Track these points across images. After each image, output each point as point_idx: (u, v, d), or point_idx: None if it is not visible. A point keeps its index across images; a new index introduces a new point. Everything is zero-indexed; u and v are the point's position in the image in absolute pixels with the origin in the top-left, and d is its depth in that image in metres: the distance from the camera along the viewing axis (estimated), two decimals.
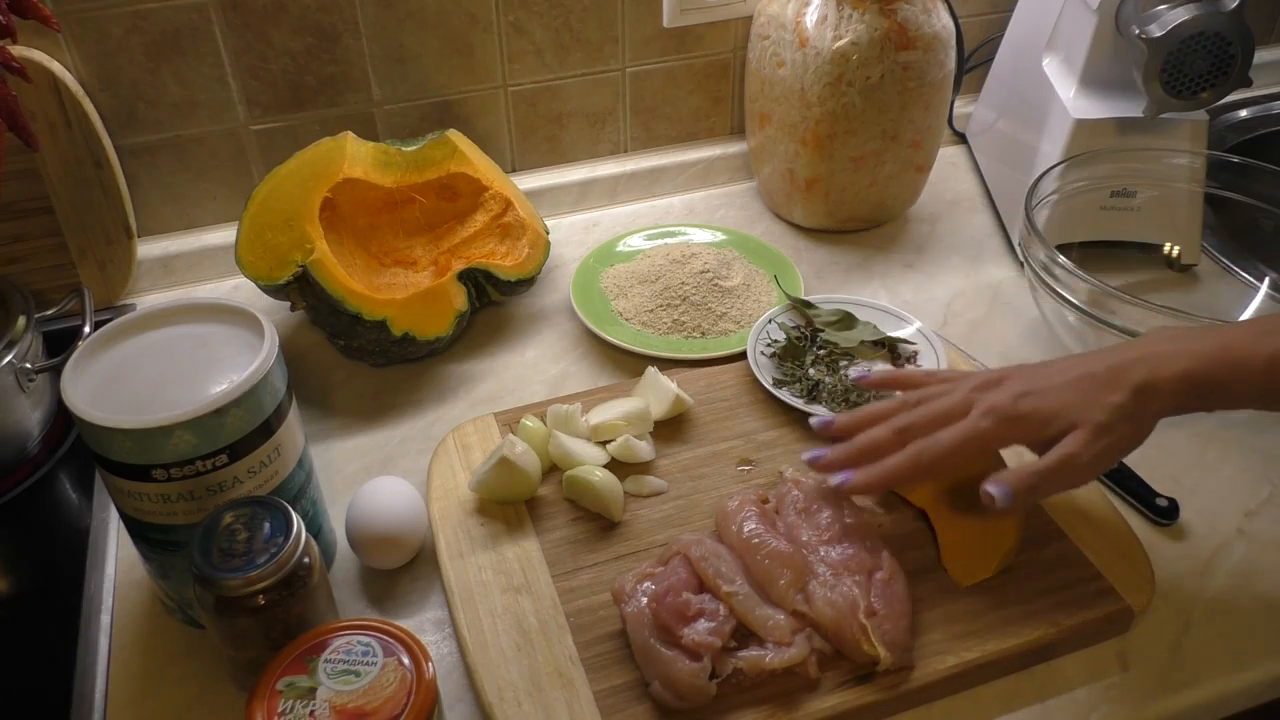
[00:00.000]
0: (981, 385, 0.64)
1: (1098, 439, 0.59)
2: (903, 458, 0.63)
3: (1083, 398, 0.60)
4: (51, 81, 0.83)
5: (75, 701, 0.62)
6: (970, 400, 0.63)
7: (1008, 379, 0.64)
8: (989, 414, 0.62)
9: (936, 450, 0.62)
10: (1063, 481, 0.60)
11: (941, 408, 0.64)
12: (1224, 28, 0.84)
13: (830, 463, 0.65)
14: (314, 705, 0.52)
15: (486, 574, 0.66)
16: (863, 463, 0.64)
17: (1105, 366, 0.61)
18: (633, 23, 1.01)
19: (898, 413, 0.65)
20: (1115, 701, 0.62)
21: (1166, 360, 0.60)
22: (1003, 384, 0.64)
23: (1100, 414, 0.59)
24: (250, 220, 0.84)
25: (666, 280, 0.91)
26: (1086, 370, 0.62)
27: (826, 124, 0.95)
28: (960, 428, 0.62)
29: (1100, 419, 0.59)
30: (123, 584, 0.69)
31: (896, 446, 0.64)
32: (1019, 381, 0.63)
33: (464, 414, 0.82)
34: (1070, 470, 0.59)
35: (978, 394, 0.64)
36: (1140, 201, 0.93)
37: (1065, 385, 0.61)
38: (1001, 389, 0.63)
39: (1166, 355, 0.60)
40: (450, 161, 0.93)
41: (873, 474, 0.63)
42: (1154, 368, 0.60)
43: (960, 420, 0.62)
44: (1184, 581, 0.69)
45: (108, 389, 0.59)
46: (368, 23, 0.93)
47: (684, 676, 0.57)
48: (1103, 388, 0.60)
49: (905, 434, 0.64)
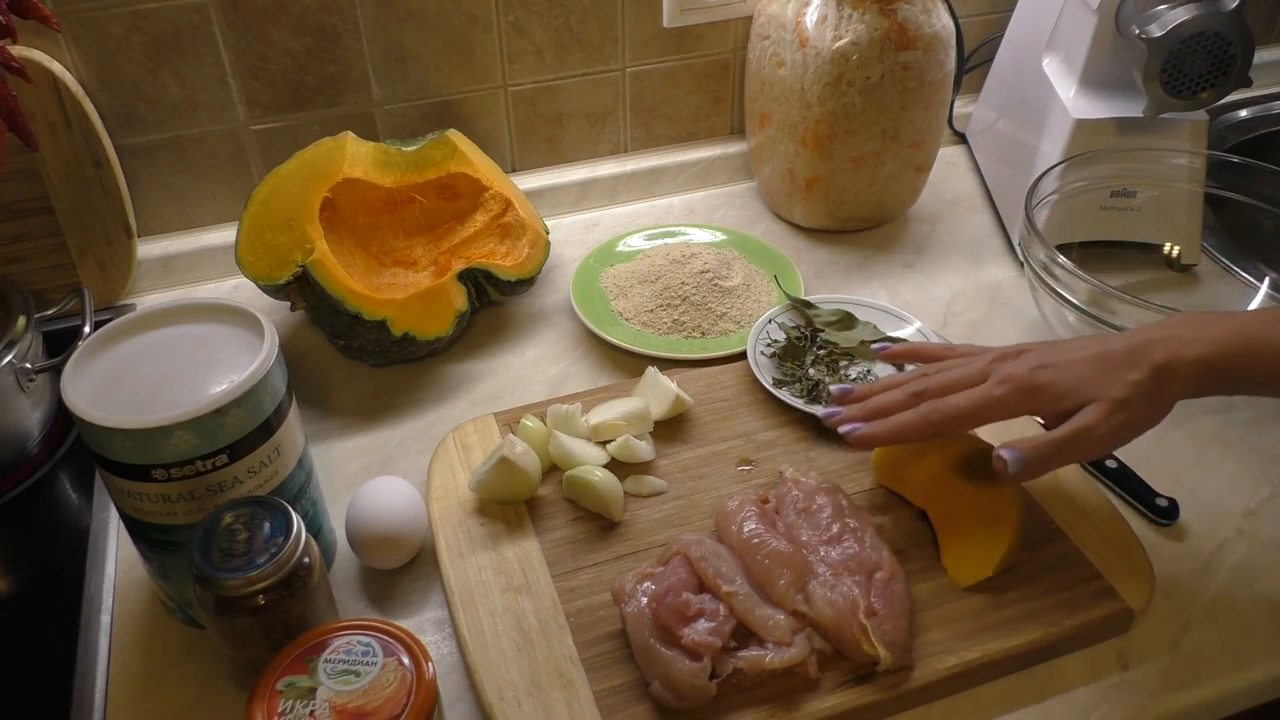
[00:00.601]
0: (1000, 357, 0.65)
1: (1114, 414, 0.59)
2: (913, 414, 0.64)
3: (1101, 374, 0.61)
4: (51, 81, 0.83)
5: (75, 701, 0.62)
6: (988, 370, 0.64)
7: (1026, 352, 0.65)
8: (1005, 382, 0.62)
9: (948, 410, 0.63)
10: (1076, 453, 0.61)
11: (957, 374, 0.65)
12: (1224, 28, 0.84)
13: (844, 418, 0.67)
14: (314, 705, 0.52)
15: (486, 574, 0.66)
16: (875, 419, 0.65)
17: (1125, 346, 0.62)
18: (633, 23, 1.01)
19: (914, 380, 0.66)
20: (1115, 701, 0.62)
21: (1186, 344, 0.60)
22: (1021, 356, 0.64)
23: (1118, 390, 0.60)
24: (250, 220, 0.84)
25: (666, 280, 0.91)
26: (1106, 348, 0.62)
27: (826, 124, 0.95)
28: (974, 393, 0.63)
29: (1118, 395, 0.60)
30: (123, 584, 0.69)
31: (910, 408, 0.65)
32: (1038, 355, 0.64)
33: (464, 414, 0.82)
34: (1085, 443, 0.60)
35: (996, 364, 0.64)
36: (1140, 201, 0.93)
37: (1084, 360, 0.62)
38: (1020, 360, 0.64)
39: (1186, 339, 0.61)
40: (450, 161, 0.93)
41: (882, 427, 0.64)
42: (1174, 350, 0.60)
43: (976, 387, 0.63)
44: (1184, 581, 0.69)
45: (108, 389, 0.59)
46: (368, 23, 0.93)
47: (684, 676, 0.57)
48: (1122, 365, 0.61)
49: (920, 397, 0.65)
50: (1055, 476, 0.72)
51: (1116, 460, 0.75)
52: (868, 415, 0.66)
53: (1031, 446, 0.60)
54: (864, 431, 0.65)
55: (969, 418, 0.63)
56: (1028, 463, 0.60)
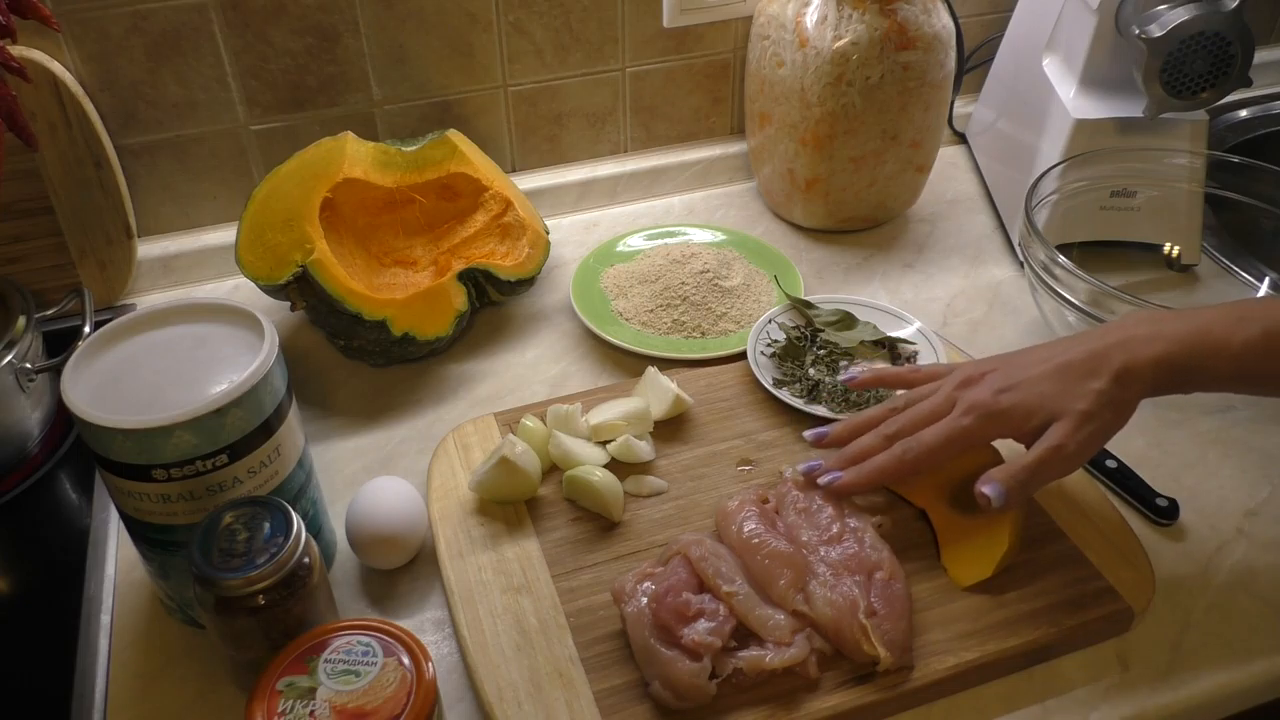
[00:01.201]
0: (963, 383, 0.66)
1: (1081, 427, 0.60)
2: (888, 456, 0.65)
3: (1063, 387, 0.62)
4: (51, 81, 0.83)
5: (75, 701, 0.62)
6: (953, 397, 0.65)
7: (988, 373, 0.65)
8: (970, 411, 0.64)
9: (920, 449, 0.64)
10: (1053, 472, 0.62)
11: (926, 409, 0.66)
12: (1224, 28, 0.84)
13: (823, 469, 0.68)
14: (314, 705, 0.52)
15: (486, 574, 0.66)
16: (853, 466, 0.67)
17: (1084, 353, 0.62)
18: (633, 23, 1.01)
19: (886, 419, 0.68)
20: (1115, 701, 0.62)
21: (1144, 343, 0.61)
22: (983, 379, 0.65)
23: (1082, 403, 0.60)
24: (250, 220, 0.84)
25: (666, 280, 0.91)
26: (1066, 359, 0.63)
27: (826, 124, 0.95)
28: (941, 427, 0.64)
29: (1082, 407, 0.60)
30: (123, 584, 0.69)
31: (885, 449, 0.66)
32: (999, 375, 0.65)
33: (464, 414, 0.82)
34: (1059, 461, 0.61)
35: (959, 392, 0.65)
36: (1140, 201, 0.93)
37: (1044, 376, 0.63)
38: (982, 385, 0.65)
39: (1144, 339, 0.61)
40: (450, 161, 0.93)
41: (860, 473, 0.66)
42: (1132, 352, 0.61)
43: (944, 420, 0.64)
44: (1184, 581, 0.69)
45: (108, 389, 0.59)
46: (368, 23, 0.93)
47: (684, 676, 0.57)
48: (1083, 376, 0.61)
49: (893, 439, 0.66)
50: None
51: (1116, 460, 0.75)
52: (845, 464, 0.67)
53: (1009, 475, 0.61)
54: (844, 481, 0.67)
55: (942, 451, 0.64)
56: (1009, 493, 0.61)
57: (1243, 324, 0.60)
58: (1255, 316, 0.60)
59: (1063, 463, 0.61)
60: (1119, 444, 0.76)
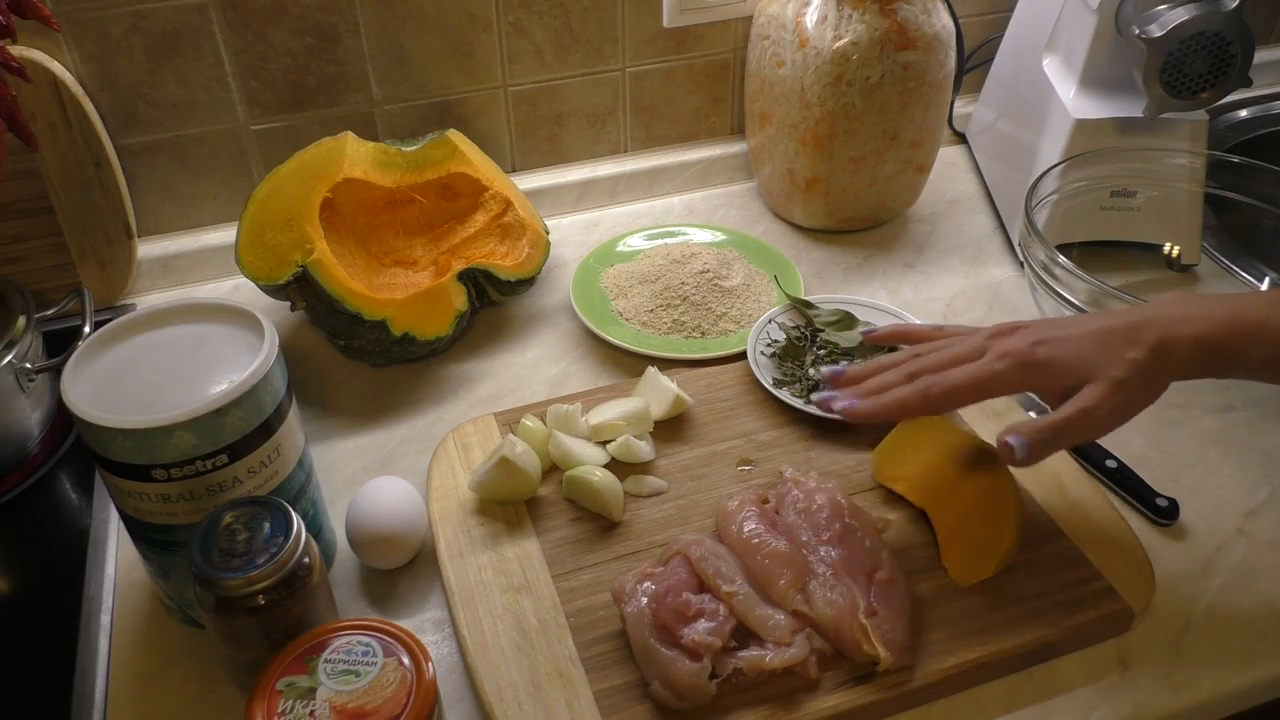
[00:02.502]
0: (996, 333, 0.64)
1: (1115, 394, 0.59)
2: (910, 390, 0.63)
3: (1101, 351, 0.60)
4: (51, 81, 0.83)
5: (75, 701, 0.62)
6: (984, 346, 0.63)
7: (1022, 328, 0.64)
8: (1005, 357, 0.61)
9: (946, 385, 0.62)
10: (1078, 435, 0.60)
11: (954, 352, 0.64)
12: (1224, 28, 0.84)
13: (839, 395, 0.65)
14: (314, 705, 0.52)
15: (486, 574, 0.66)
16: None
17: (1124, 323, 0.61)
18: (633, 23, 1.01)
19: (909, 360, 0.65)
20: (1115, 701, 0.62)
21: (1184, 322, 0.60)
22: (1017, 332, 0.63)
23: (1118, 369, 0.59)
24: (250, 220, 0.84)
25: (666, 280, 0.91)
26: (1105, 325, 0.61)
27: (826, 124, 0.95)
28: (973, 367, 0.62)
29: (1118, 374, 0.59)
30: (123, 584, 0.69)
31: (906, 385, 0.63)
32: (1034, 330, 0.63)
33: (464, 414, 0.82)
34: (1086, 424, 0.59)
35: (992, 340, 0.63)
36: (1140, 201, 0.93)
37: (1084, 336, 0.61)
38: (1017, 335, 0.63)
39: (1184, 318, 0.60)
40: (450, 161, 0.93)
41: (879, 402, 0.63)
42: (1171, 328, 0.60)
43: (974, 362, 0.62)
44: (1184, 581, 0.69)
45: (108, 389, 0.59)
46: (368, 23, 0.93)
47: (684, 676, 0.57)
48: (1122, 343, 0.60)
49: (916, 376, 0.64)
50: (1055, 476, 0.73)
51: (1116, 460, 0.75)
52: (863, 394, 0.65)
53: (1034, 430, 0.59)
54: (861, 407, 0.63)
55: (968, 392, 0.62)
56: (1033, 446, 0.59)
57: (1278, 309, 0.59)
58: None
59: (1090, 426, 0.59)
60: (1119, 444, 0.76)
